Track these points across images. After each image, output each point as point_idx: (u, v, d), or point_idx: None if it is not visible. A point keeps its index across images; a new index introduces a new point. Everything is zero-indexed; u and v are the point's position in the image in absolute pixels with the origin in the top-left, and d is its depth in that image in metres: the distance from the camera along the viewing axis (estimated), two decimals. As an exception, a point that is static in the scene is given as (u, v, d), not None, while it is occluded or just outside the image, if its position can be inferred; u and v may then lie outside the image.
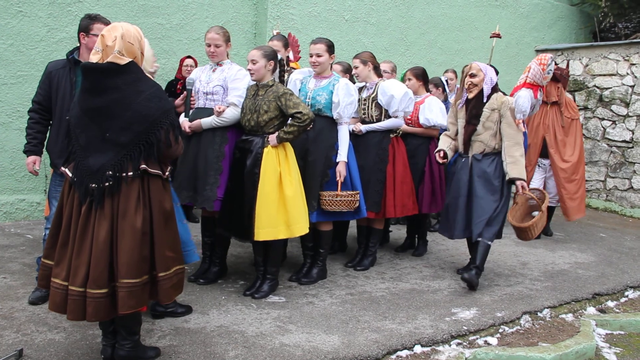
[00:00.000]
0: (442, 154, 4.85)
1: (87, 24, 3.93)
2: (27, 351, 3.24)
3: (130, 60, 2.85)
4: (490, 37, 5.23)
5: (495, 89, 4.73)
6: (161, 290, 2.95)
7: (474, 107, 4.68)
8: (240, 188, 4.14)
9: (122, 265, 2.80)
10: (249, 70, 4.16)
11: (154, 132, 2.85)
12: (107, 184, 2.80)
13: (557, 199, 6.62)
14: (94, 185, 2.80)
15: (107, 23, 3.75)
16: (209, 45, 4.35)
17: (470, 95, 4.72)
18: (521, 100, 4.59)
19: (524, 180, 4.64)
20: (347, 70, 5.24)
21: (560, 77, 6.33)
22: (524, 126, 4.65)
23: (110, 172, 2.80)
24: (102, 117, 2.81)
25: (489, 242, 4.67)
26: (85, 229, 2.83)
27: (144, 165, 2.85)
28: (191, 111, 4.39)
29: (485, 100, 4.67)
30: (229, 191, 4.24)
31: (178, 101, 4.02)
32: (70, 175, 2.90)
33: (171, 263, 2.98)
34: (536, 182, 6.51)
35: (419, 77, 5.60)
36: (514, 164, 4.60)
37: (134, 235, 2.81)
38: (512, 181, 4.65)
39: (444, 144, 4.93)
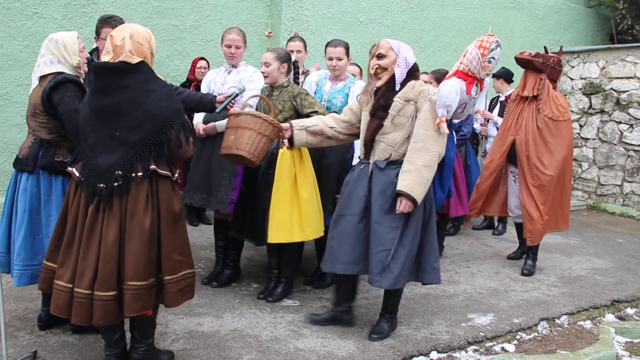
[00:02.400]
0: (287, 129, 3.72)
1: (98, 27, 3.96)
2: (41, 353, 3.23)
3: (141, 59, 2.83)
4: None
5: (414, 75, 3.59)
6: (167, 294, 2.90)
7: (383, 96, 3.54)
8: (253, 189, 4.12)
9: (129, 267, 2.76)
10: (263, 72, 4.14)
11: (164, 131, 2.81)
12: (115, 184, 2.77)
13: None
14: (102, 185, 2.77)
15: (115, 26, 3.73)
16: (230, 47, 4.33)
17: (379, 83, 3.57)
18: (445, 89, 3.42)
19: (414, 202, 3.40)
20: (361, 72, 5.21)
21: (543, 67, 4.99)
22: (447, 128, 3.47)
23: (119, 172, 2.77)
24: (112, 117, 2.79)
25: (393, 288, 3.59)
26: (92, 230, 2.79)
27: (153, 166, 2.81)
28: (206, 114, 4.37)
29: (398, 88, 3.53)
30: (242, 193, 4.22)
31: (220, 97, 3.98)
32: (77, 175, 2.87)
33: (179, 267, 2.93)
34: (512, 195, 5.38)
35: (439, 81, 5.53)
36: (409, 174, 3.39)
37: (142, 236, 2.77)
38: (398, 195, 3.43)
39: (311, 120, 3.80)
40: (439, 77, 5.54)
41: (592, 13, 10.33)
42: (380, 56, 3.55)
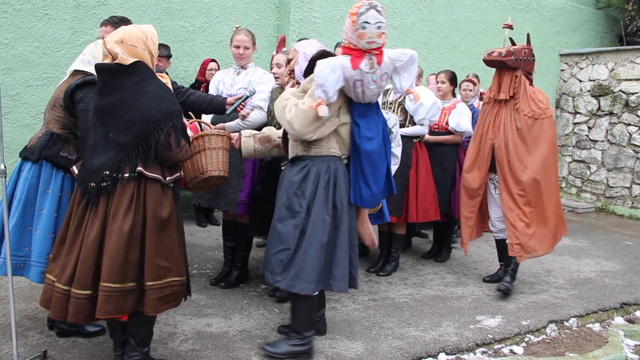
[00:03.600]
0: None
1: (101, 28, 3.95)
2: (51, 352, 3.25)
3: (137, 60, 2.81)
4: (503, 28, 4.95)
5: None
6: (147, 300, 2.82)
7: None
8: (272, 190, 4.11)
9: (104, 267, 2.73)
10: (274, 74, 4.15)
11: (153, 133, 2.78)
12: (103, 184, 2.76)
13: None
14: (92, 184, 2.78)
15: (114, 24, 3.74)
16: (238, 47, 4.34)
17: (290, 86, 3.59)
18: (318, 67, 3.15)
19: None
20: None
21: (517, 64, 4.43)
22: (326, 111, 3.12)
23: (107, 172, 2.76)
24: (108, 117, 2.80)
25: (294, 292, 3.26)
26: (78, 227, 2.81)
27: (140, 168, 2.78)
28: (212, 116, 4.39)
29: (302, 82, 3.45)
30: (258, 194, 4.23)
31: (231, 99, 4.00)
32: (76, 173, 2.91)
33: (163, 273, 2.85)
34: (492, 205, 4.79)
35: (452, 81, 5.56)
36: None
37: (120, 238, 2.73)
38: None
39: (263, 129, 3.82)
40: (452, 77, 5.56)
41: (601, 14, 10.29)
42: (288, 61, 3.57)
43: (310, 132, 3.22)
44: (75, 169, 2.93)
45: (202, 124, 3.95)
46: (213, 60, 6.48)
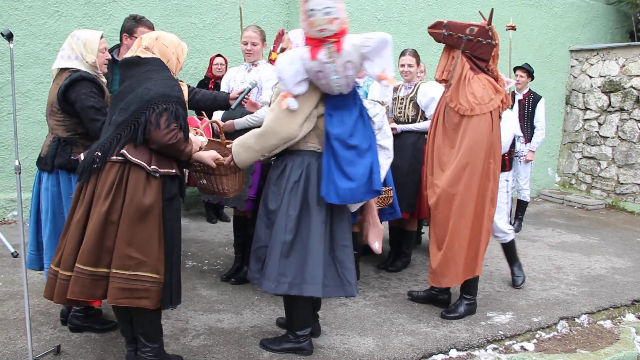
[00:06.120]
0: None
1: (132, 26, 3.96)
2: (65, 347, 3.27)
3: (155, 57, 2.91)
4: (507, 30, 4.89)
5: None
6: (109, 286, 2.74)
7: None
8: None
9: (81, 250, 2.75)
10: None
11: (145, 112, 2.77)
12: (94, 165, 2.79)
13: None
14: (86, 165, 2.84)
15: (150, 27, 3.81)
16: (246, 43, 4.35)
17: None
18: (278, 60, 3.16)
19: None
20: None
21: (451, 41, 3.80)
22: (293, 103, 3.08)
23: (98, 153, 2.80)
24: (115, 103, 2.89)
25: (262, 289, 3.23)
26: (72, 211, 2.87)
27: (123, 150, 2.76)
28: (223, 112, 4.40)
29: None
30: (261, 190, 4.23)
31: (234, 94, 4.00)
32: (82, 159, 2.96)
33: (134, 265, 2.75)
34: None
35: None
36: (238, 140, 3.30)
37: (98, 220, 2.73)
38: None
39: None
40: None
41: (612, 10, 10.22)
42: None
43: (294, 130, 3.11)
44: (82, 156, 3.00)
45: (214, 125, 3.97)
46: (219, 55, 6.48)
